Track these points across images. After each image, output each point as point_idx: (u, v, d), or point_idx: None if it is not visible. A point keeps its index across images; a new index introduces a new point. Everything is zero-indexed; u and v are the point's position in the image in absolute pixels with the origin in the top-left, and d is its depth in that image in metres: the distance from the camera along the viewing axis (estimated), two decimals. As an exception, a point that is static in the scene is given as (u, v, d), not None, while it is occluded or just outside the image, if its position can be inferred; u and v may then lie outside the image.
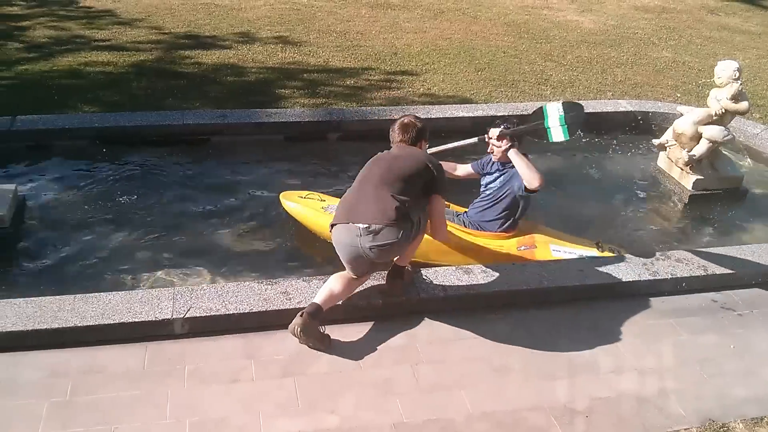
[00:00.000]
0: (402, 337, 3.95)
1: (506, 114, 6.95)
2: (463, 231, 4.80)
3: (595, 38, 10.24)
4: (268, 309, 3.93)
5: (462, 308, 4.18)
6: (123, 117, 6.37)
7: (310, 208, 5.03)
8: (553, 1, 12.33)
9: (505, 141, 4.63)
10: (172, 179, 5.81)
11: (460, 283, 4.23)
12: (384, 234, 3.70)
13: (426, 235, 4.15)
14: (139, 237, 4.99)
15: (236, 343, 3.82)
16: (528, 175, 4.36)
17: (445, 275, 4.29)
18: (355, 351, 3.82)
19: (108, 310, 3.81)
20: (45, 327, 3.69)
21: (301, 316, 3.70)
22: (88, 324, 3.73)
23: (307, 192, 5.22)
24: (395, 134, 4.16)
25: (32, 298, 3.90)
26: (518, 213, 4.74)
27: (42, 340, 3.68)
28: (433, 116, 6.80)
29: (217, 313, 3.87)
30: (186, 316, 3.82)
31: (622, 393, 3.66)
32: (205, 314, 3.85)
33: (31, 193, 5.41)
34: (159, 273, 4.67)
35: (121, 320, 3.77)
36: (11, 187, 5.05)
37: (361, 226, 3.70)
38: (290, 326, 3.71)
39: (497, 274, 4.34)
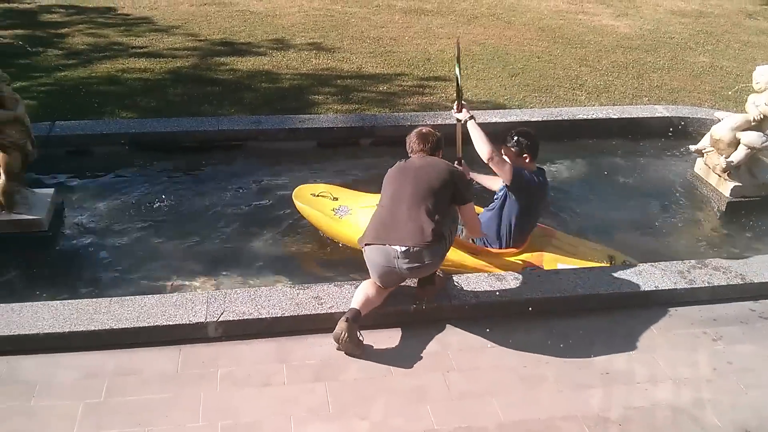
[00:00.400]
0: (433, 343, 3.94)
1: (540, 119, 6.95)
2: (468, 248, 4.68)
3: (630, 43, 10.12)
4: (301, 313, 3.95)
5: (494, 315, 4.15)
6: (159, 123, 6.48)
7: (320, 211, 4.99)
8: (589, 5, 12.22)
9: (464, 111, 4.56)
10: (207, 185, 5.88)
11: (492, 290, 4.21)
12: (421, 255, 3.76)
13: None
14: (173, 241, 5.06)
15: (269, 347, 3.85)
16: (479, 147, 4.29)
17: (477, 282, 4.27)
18: (386, 357, 3.82)
19: (143, 313, 3.87)
20: (81, 329, 3.76)
21: (345, 321, 3.71)
22: (124, 327, 3.80)
23: (321, 188, 5.21)
24: (414, 144, 4.16)
25: (69, 301, 3.99)
26: (515, 226, 4.57)
27: (78, 342, 3.75)
28: (466, 122, 6.77)
29: (250, 317, 3.90)
30: (219, 320, 3.86)
31: (657, 403, 3.61)
32: (238, 318, 3.89)
33: (69, 197, 5.52)
34: (193, 277, 4.73)
35: (156, 323, 3.83)
36: (50, 191, 5.15)
37: (399, 249, 3.74)
38: (335, 332, 3.72)
39: (530, 281, 4.31)
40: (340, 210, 4.91)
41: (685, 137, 6.84)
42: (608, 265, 4.67)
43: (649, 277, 4.41)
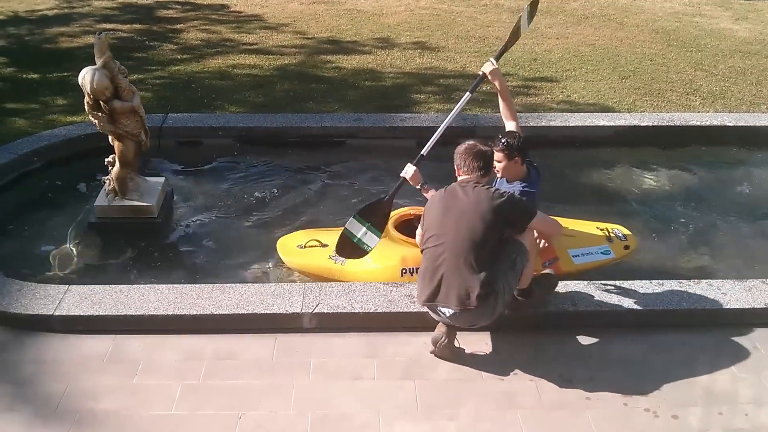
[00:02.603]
0: (526, 350, 3.85)
1: (650, 124, 6.69)
2: None
3: (750, 47, 9.56)
4: (393, 310, 3.96)
5: (592, 325, 4.03)
6: (266, 118, 6.66)
7: (317, 263, 4.56)
8: (706, 8, 11.65)
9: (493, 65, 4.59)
10: (308, 179, 6.00)
11: (592, 299, 4.08)
12: (471, 317, 3.62)
13: None
14: (274, 232, 5.16)
15: (360, 341, 3.88)
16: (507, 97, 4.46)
17: (576, 290, 4.15)
18: (477, 360, 3.77)
19: (242, 300, 3.99)
20: (184, 313, 3.92)
21: (447, 325, 3.69)
22: (224, 312, 3.93)
23: (303, 237, 4.73)
24: (467, 162, 3.83)
25: (174, 285, 4.16)
26: None
27: (181, 325, 3.91)
28: (571, 124, 6.62)
29: (344, 311, 3.95)
30: (314, 312, 3.93)
31: (761, 426, 3.39)
32: (332, 311, 3.95)
33: (178, 186, 5.76)
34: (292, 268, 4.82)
35: (254, 311, 3.94)
36: (161, 180, 5.38)
37: (448, 311, 3.60)
38: (434, 336, 3.71)
39: (632, 291, 4.14)
40: (337, 256, 4.41)
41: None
42: (606, 241, 4.61)
43: (759, 293, 4.15)
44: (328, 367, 3.70)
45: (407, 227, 4.63)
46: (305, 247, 4.63)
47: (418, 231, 3.99)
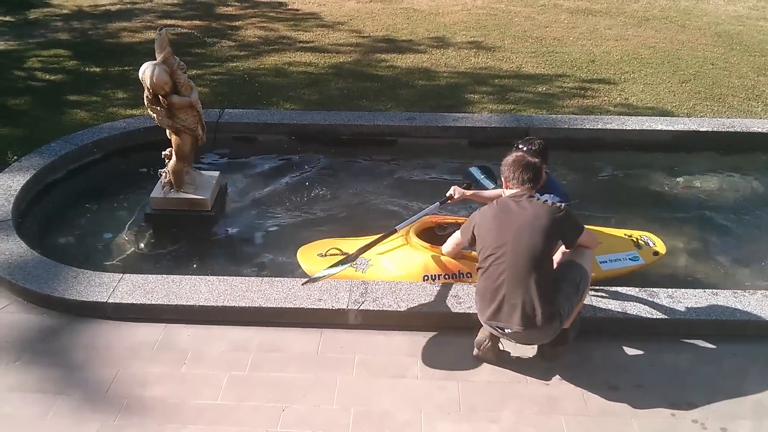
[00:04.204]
0: (572, 355, 3.79)
1: (710, 129, 6.52)
2: None
3: (819, 52, 9.22)
4: (438, 310, 3.96)
5: (641, 333, 3.95)
6: (320, 115, 6.70)
7: (339, 271, 4.32)
8: (773, 10, 11.28)
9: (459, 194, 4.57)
10: (360, 177, 6.05)
11: (642, 306, 3.99)
12: (532, 336, 3.55)
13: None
14: (323, 228, 5.22)
15: (404, 339, 3.89)
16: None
17: (627, 296, 4.07)
18: (521, 364, 3.74)
19: (290, 295, 4.04)
20: (233, 304, 3.98)
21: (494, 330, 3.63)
22: (271, 306, 3.99)
23: (324, 246, 4.70)
24: (521, 175, 3.66)
25: (224, 277, 4.24)
26: None
27: (229, 316, 3.99)
28: (628, 127, 6.49)
29: (389, 309, 3.96)
30: (360, 308, 3.95)
31: (818, 445, 3.27)
32: (377, 308, 3.96)
33: (232, 180, 5.85)
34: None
35: (301, 305, 3.99)
36: (215, 174, 5.47)
37: (508, 331, 3.50)
38: (478, 339, 3.69)
39: (684, 300, 4.04)
40: (359, 264, 4.45)
41: None
42: (635, 248, 4.60)
43: (822, 307, 4.00)
44: (372, 364, 3.72)
45: (428, 234, 4.67)
46: (326, 255, 4.60)
47: (452, 240, 3.96)
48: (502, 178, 3.78)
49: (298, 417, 3.37)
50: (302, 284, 4.01)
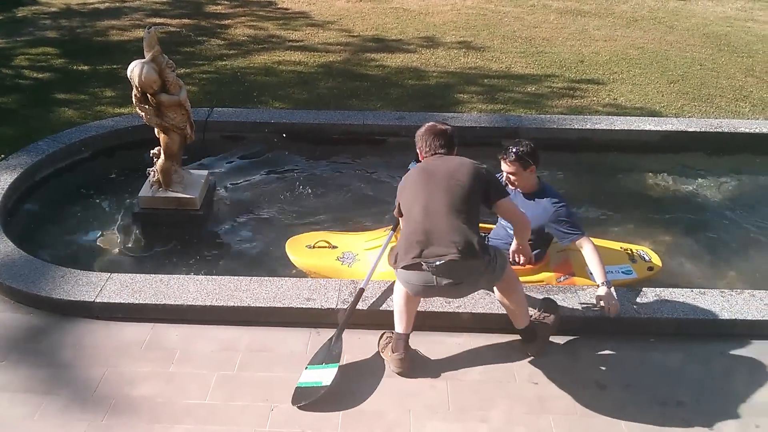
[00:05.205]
0: (562, 355, 3.81)
1: (698, 130, 6.56)
2: None
3: (806, 53, 9.30)
4: (428, 310, 3.94)
5: (630, 332, 3.96)
6: (309, 114, 6.69)
7: (324, 263, 4.56)
8: (759, 13, 11.35)
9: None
10: (349, 176, 6.04)
11: (631, 306, 4.01)
12: (465, 269, 3.33)
13: None
14: (312, 228, 5.19)
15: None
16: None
17: (616, 296, 4.07)
18: (510, 363, 3.74)
19: (279, 294, 4.03)
20: (222, 304, 3.97)
21: (402, 354, 3.61)
22: (260, 305, 3.97)
23: (314, 237, 4.77)
24: (433, 142, 3.69)
25: (213, 276, 4.23)
26: (549, 244, 4.29)
27: (218, 316, 3.97)
28: (616, 128, 6.52)
29: (378, 308, 3.95)
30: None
31: (805, 444, 3.30)
32: (367, 308, 3.95)
33: (221, 180, 5.83)
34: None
35: (290, 305, 3.97)
36: (204, 173, 5.45)
37: (437, 262, 3.26)
38: (395, 368, 3.64)
39: (672, 300, 4.06)
40: (345, 258, 4.52)
41: None
42: (629, 261, 4.51)
43: (809, 306, 4.03)
44: (361, 363, 3.71)
45: None
46: (314, 247, 4.64)
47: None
48: (417, 150, 3.80)
49: (286, 417, 3.36)
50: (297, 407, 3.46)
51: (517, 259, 4.07)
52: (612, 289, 3.85)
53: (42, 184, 5.54)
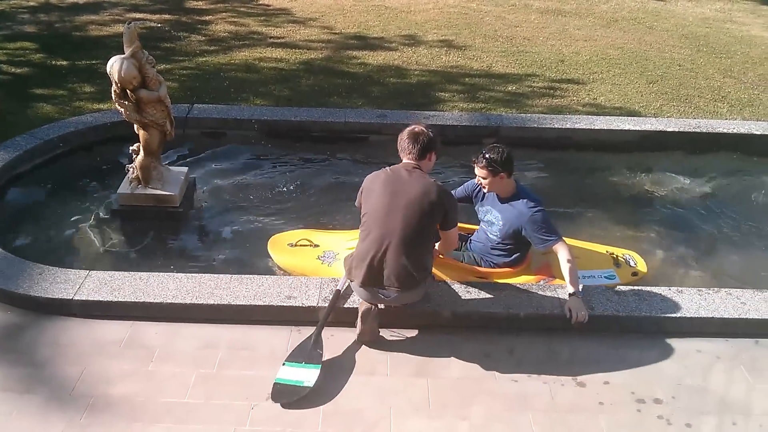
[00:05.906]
0: (541, 351, 3.84)
1: (677, 130, 6.62)
2: (474, 271, 4.32)
3: (782, 55, 9.43)
4: (409, 309, 3.95)
5: (609, 330, 3.99)
6: (290, 111, 6.68)
7: (305, 262, 4.58)
8: (738, 14, 11.50)
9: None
10: (331, 173, 6.02)
11: (609, 303, 4.05)
12: (407, 296, 3.78)
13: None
14: (292, 225, 5.18)
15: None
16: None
17: (594, 294, 4.12)
18: (490, 360, 3.76)
19: (260, 292, 4.02)
20: (202, 302, 3.95)
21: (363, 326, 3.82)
22: (241, 303, 3.95)
23: (297, 236, 4.78)
24: (405, 144, 3.91)
25: (193, 274, 4.20)
26: (529, 247, 4.29)
27: (198, 314, 3.95)
28: (596, 127, 6.57)
29: (357, 307, 3.94)
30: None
31: (780, 440, 3.35)
32: (347, 306, 3.96)
33: (201, 176, 5.79)
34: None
35: (271, 303, 3.96)
36: (184, 170, 5.42)
37: (384, 293, 3.73)
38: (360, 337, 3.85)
39: (650, 297, 4.11)
40: (326, 257, 4.55)
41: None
42: (613, 266, 4.52)
43: (782, 304, 4.09)
44: (342, 361, 3.72)
45: None
46: (296, 245, 4.64)
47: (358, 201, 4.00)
48: (398, 149, 3.96)
49: (267, 415, 3.35)
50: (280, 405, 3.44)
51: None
52: (581, 299, 3.88)
53: (19, 180, 5.48)
